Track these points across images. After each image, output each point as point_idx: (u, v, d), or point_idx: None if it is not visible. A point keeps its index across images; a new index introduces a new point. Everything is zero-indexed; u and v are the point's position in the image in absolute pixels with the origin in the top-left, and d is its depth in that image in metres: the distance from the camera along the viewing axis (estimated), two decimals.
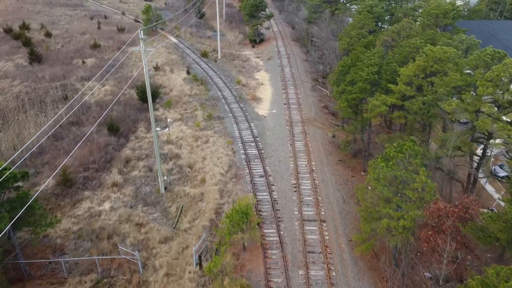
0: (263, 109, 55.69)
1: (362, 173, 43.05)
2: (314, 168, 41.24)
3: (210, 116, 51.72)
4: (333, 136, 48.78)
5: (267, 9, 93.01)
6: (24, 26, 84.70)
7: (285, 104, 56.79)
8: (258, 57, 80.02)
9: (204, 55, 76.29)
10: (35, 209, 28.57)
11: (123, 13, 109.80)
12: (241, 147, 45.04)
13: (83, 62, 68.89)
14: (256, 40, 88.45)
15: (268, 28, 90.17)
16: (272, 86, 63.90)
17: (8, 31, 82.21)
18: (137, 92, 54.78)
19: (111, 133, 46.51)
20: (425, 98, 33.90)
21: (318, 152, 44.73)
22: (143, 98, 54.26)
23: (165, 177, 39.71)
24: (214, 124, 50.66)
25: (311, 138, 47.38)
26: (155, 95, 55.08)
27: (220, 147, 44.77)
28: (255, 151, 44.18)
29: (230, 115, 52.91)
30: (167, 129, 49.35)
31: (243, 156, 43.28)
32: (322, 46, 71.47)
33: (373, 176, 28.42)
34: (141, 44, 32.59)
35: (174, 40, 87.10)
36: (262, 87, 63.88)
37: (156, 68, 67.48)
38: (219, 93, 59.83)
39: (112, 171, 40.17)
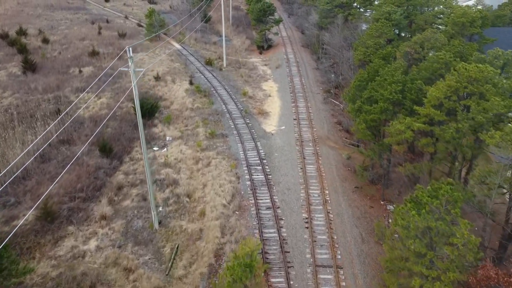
0: (270, 125, 51.14)
1: (381, 202, 38.40)
2: (328, 198, 36.61)
3: (213, 133, 47.26)
4: (348, 158, 44.09)
5: (275, 14, 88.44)
6: (21, 32, 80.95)
7: (294, 119, 52.19)
8: (265, 65, 75.47)
9: (209, 63, 71.90)
10: (3, 258, 24.40)
11: (126, 17, 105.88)
12: (246, 171, 40.54)
13: (80, 71, 64.84)
14: (264, 46, 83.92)
15: (276, 34, 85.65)
16: (281, 98, 59.31)
17: (4, 36, 78.49)
18: (134, 106, 50.42)
19: (103, 154, 42.24)
20: (459, 125, 29.14)
21: (332, 178, 40.08)
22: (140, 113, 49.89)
23: (160, 208, 35.35)
24: (217, 143, 46.20)
25: (324, 161, 42.73)
26: (154, 110, 50.80)
27: (223, 171, 40.28)
28: (261, 177, 39.63)
29: (234, 132, 48.43)
30: (165, 149, 44.99)
31: (248, 182, 38.77)
32: (335, 55, 66.76)
33: (401, 223, 23.79)
34: (130, 63, 28.22)
35: (178, 46, 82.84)
36: (269, 99, 59.32)
37: (157, 78, 63.20)
38: (223, 106, 55.36)
39: (102, 201, 35.84)
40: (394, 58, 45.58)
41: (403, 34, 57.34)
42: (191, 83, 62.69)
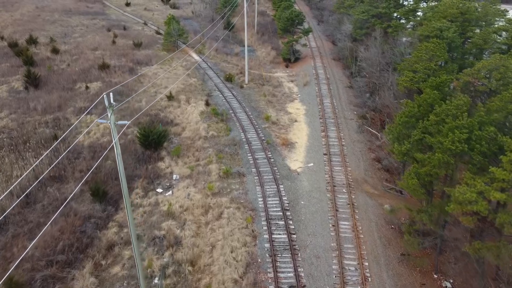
0: (296, 161, 43.47)
1: (435, 276, 30.28)
2: (368, 275, 28.72)
3: (227, 172, 39.94)
4: (391, 211, 35.98)
5: (304, 23, 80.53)
6: (31, 40, 75.80)
7: (324, 154, 44.36)
8: (292, 81, 67.72)
9: (229, 79, 64.69)
10: None
11: (145, 23, 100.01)
12: (265, 227, 33.04)
13: (87, 87, 58.71)
14: (291, 59, 76.19)
15: (305, 45, 77.70)
16: (309, 125, 51.52)
17: (13, 45, 73.48)
18: (139, 135, 43.67)
19: (96, 199, 35.51)
20: None
21: (372, 241, 32.12)
22: (145, 144, 43.16)
23: (156, 280, 28.25)
24: (232, 184, 38.85)
25: (362, 215, 34.81)
26: (161, 140, 43.85)
27: (237, 228, 32.87)
28: (284, 236, 32.06)
29: (253, 170, 40.99)
30: (170, 191, 37.91)
31: (267, 244, 31.26)
32: (371, 73, 58.45)
33: None
34: (109, 114, 21.20)
35: (197, 57, 76.05)
36: (296, 125, 51.60)
37: (170, 97, 56.36)
38: (242, 134, 48.01)
39: (85, 267, 28.99)
40: (448, 88, 37.25)
41: (455, 54, 48.62)
42: (207, 103, 55.62)
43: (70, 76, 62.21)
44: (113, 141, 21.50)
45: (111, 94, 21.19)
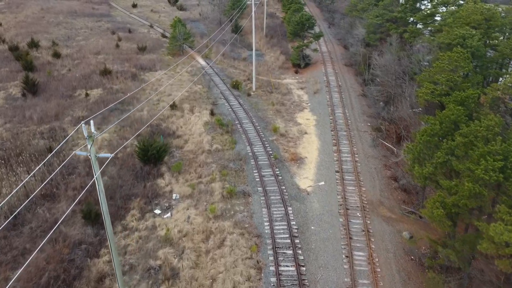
0: (306, 178, 40.32)
1: None
2: None
3: (231, 192, 36.91)
4: (411, 237, 32.72)
5: (315, 26, 77.23)
6: (33, 44, 73.48)
7: (337, 171, 41.16)
8: (302, 89, 64.53)
9: (235, 86, 61.66)
10: None
11: (151, 26, 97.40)
12: (272, 257, 29.95)
13: (87, 94, 56.10)
14: (301, 64, 73.00)
15: (315, 50, 74.37)
16: (319, 137, 48.33)
17: (14, 49, 71.20)
18: (138, 150, 40.82)
19: (88, 222, 32.72)
20: None
21: (391, 275, 28.88)
22: (144, 159, 40.31)
23: None
24: (236, 206, 35.82)
25: (378, 244, 31.57)
26: (161, 154, 40.96)
27: (240, 258, 29.83)
28: (292, 269, 28.96)
29: (259, 189, 37.94)
30: (169, 213, 34.98)
31: (273, 279, 28.17)
32: (386, 83, 55.06)
33: None
34: (89, 146, 18.30)
35: (203, 62, 73.17)
36: (306, 138, 48.42)
37: (173, 106, 53.48)
38: (248, 148, 44.98)
39: None
40: (475, 104, 33.88)
41: (478, 64, 45.08)
42: (212, 113, 52.66)
43: (70, 83, 59.67)
44: (95, 177, 18.44)
45: (91, 122, 18.17)
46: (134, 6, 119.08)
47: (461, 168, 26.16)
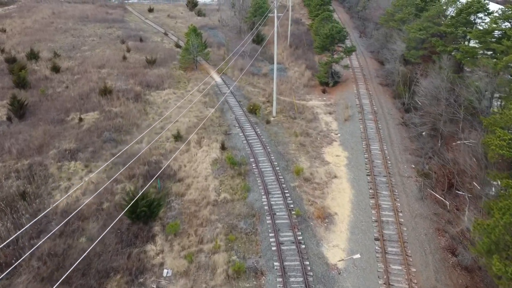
0: (336, 247, 31.38)
1: None
2: None
3: (239, 270, 28.33)
4: None
5: (346, 40, 67.81)
6: (32, 55, 66.63)
7: (376, 238, 32.06)
8: (330, 114, 55.41)
9: (253, 110, 53.01)
10: None
11: (166, 33, 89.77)
12: None
13: (80, 119, 48.50)
14: (329, 82, 63.81)
15: (346, 67, 64.96)
16: (353, 184, 39.27)
17: (11, 61, 64.44)
18: (125, 203, 32.64)
19: None
20: None
21: None
22: (132, 217, 32.11)
23: None
24: None
25: None
26: (154, 210, 32.68)
27: None
28: None
29: (276, 263, 29.25)
30: None
31: None
32: (434, 114, 45.41)
33: None
34: None
35: (218, 79, 64.85)
36: (335, 184, 39.42)
37: (177, 137, 45.27)
38: (263, 198, 36.31)
39: None
40: None
41: None
42: (223, 147, 44.21)
43: (65, 103, 52.29)
44: None
45: None
46: (151, 10, 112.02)
47: None
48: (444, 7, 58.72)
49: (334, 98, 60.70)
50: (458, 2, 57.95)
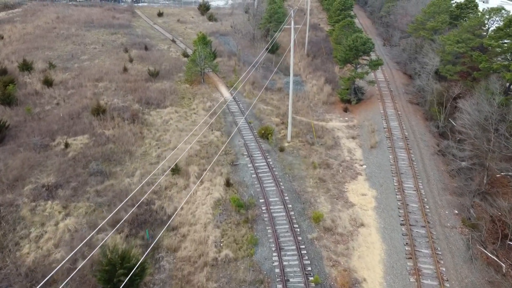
0: None
1: None
2: None
3: None
4: None
5: (372, 52, 60.27)
6: (25, 66, 60.88)
7: None
8: (353, 138, 48.29)
9: (264, 135, 46.15)
10: None
11: (173, 41, 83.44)
12: None
13: (67, 145, 42.28)
14: (351, 100, 56.60)
15: (372, 83, 57.47)
16: (383, 236, 32.15)
17: (1, 72, 58.71)
18: (99, 272, 26.06)
19: None
20: None
21: None
22: (108, 286, 25.54)
23: None
24: None
25: None
26: (136, 279, 26.04)
27: None
28: None
29: None
30: None
31: None
32: (479, 145, 37.89)
33: None
34: None
35: (226, 94, 58.20)
36: (363, 235, 32.35)
37: (175, 170, 38.66)
38: (274, 256, 29.49)
39: None
40: None
41: None
42: (227, 183, 37.46)
43: (51, 124, 46.17)
44: None
45: None
46: (160, 14, 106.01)
47: None
48: (487, 16, 50.95)
49: (358, 119, 53.51)
50: (503, 11, 50.17)
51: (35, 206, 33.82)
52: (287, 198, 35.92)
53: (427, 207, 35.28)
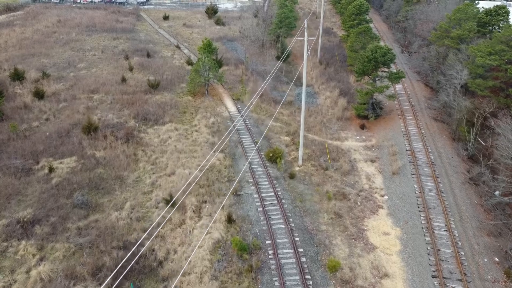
0: None
1: None
2: None
3: None
4: None
5: (392, 64, 54.81)
6: (17, 75, 56.66)
7: None
8: (372, 162, 43.12)
9: (273, 158, 41.16)
10: None
11: (178, 47, 78.88)
12: None
13: (51, 170, 37.75)
14: (369, 116, 51.38)
15: (392, 98, 52.00)
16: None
17: None
18: None
19: None
20: None
21: None
22: None
23: None
24: None
25: None
26: None
27: None
28: None
29: None
30: None
31: None
32: None
33: None
34: None
35: (232, 107, 53.40)
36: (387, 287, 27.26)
37: (169, 202, 33.85)
38: None
39: None
40: None
41: None
42: (229, 219, 32.58)
43: (37, 144, 41.71)
44: None
45: None
46: (166, 18, 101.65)
47: None
48: None
49: (376, 138, 48.31)
50: None
51: (7, 248, 29.30)
52: (297, 239, 30.94)
53: (462, 253, 30.05)
